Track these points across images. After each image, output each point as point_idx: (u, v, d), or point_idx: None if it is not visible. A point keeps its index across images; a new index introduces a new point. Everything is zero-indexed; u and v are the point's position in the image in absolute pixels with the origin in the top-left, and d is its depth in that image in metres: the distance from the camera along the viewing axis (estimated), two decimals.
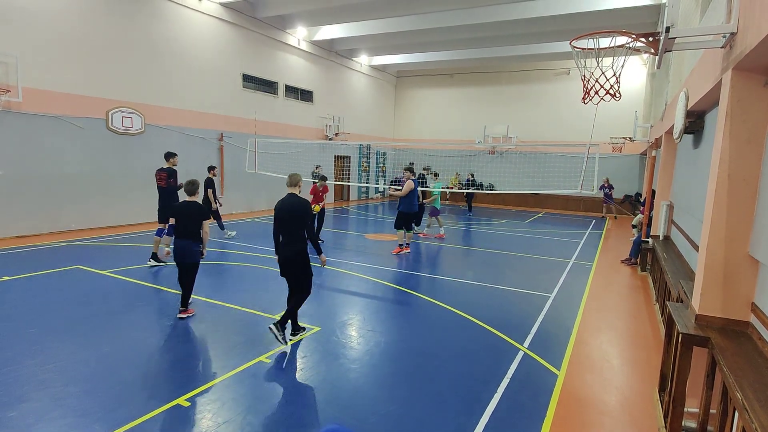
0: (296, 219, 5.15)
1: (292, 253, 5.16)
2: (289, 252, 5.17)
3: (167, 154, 8.79)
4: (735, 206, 3.44)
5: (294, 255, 5.16)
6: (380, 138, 25.62)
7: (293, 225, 5.16)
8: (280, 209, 5.20)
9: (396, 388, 4.36)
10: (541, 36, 17.66)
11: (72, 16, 11.12)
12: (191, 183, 6.11)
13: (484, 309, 6.85)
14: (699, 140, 6.64)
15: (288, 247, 5.18)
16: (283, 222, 5.18)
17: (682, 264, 6.52)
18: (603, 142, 15.94)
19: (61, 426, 3.53)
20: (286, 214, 5.15)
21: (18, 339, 5.08)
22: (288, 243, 5.19)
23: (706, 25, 6.01)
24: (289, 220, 5.15)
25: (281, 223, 5.19)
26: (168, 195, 8.58)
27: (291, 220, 5.15)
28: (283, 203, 5.22)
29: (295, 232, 5.17)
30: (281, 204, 5.22)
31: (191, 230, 5.90)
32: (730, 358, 2.97)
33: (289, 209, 5.15)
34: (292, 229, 5.17)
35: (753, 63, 3.16)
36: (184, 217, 5.93)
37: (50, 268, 7.98)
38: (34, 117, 10.60)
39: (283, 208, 5.18)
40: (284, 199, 5.23)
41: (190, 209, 5.95)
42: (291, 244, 5.17)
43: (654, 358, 5.30)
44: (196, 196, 6.10)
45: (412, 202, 10.51)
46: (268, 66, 17.44)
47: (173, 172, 8.64)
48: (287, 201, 5.20)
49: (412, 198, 10.48)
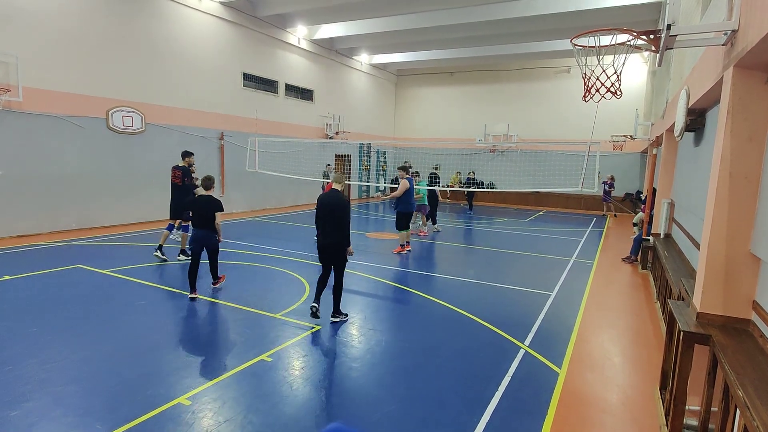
0: (333, 213, 5.72)
1: (327, 243, 5.76)
2: (326, 241, 5.77)
3: (184, 152, 9.03)
4: (736, 204, 3.43)
5: (329, 245, 5.75)
6: (381, 137, 25.60)
7: (330, 218, 5.74)
8: (321, 203, 5.84)
9: (397, 387, 4.36)
10: (542, 34, 17.62)
11: (72, 16, 11.11)
12: (208, 179, 6.87)
13: (485, 307, 6.85)
14: (700, 138, 6.62)
15: (325, 237, 5.78)
16: (321, 214, 5.82)
17: (683, 262, 6.51)
18: (604, 140, 15.96)
19: (62, 425, 3.53)
20: (326, 207, 5.77)
21: (19, 338, 5.08)
22: (324, 233, 5.79)
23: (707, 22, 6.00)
24: (327, 213, 5.76)
25: (320, 215, 5.85)
26: (180, 193, 8.73)
27: (329, 214, 5.75)
28: (324, 198, 5.86)
29: (331, 224, 5.73)
30: (322, 198, 5.87)
31: (209, 221, 6.59)
32: (731, 355, 2.97)
33: (328, 204, 5.77)
34: (327, 222, 5.77)
35: (754, 60, 3.15)
36: (201, 209, 6.60)
37: (51, 268, 7.99)
38: (35, 116, 10.60)
39: (324, 202, 5.82)
40: (326, 194, 5.86)
41: (206, 202, 6.64)
42: (327, 234, 5.77)
43: (655, 356, 5.30)
44: (212, 190, 6.85)
45: (409, 201, 10.46)
46: (269, 65, 17.43)
47: (188, 171, 8.85)
48: (328, 196, 5.83)
49: (408, 197, 10.43)
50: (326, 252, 5.81)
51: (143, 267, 8.32)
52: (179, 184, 8.77)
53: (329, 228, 5.75)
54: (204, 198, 6.70)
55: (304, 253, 9.94)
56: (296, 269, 8.54)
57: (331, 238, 5.73)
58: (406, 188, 10.25)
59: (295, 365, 4.74)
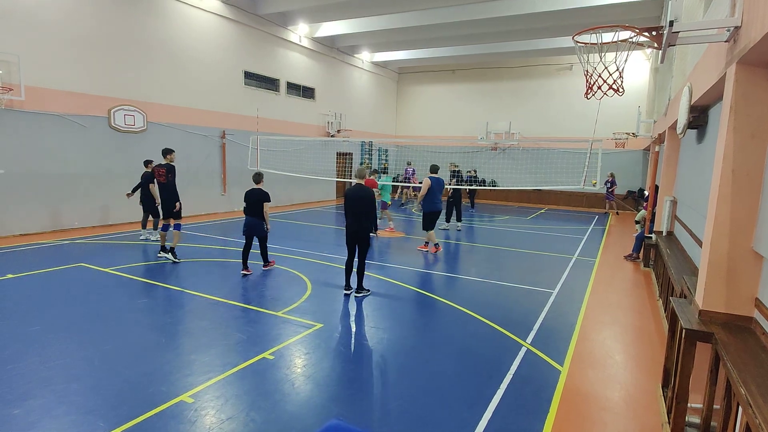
0: (360, 204, 6.67)
1: (357, 228, 6.74)
2: (356, 227, 6.74)
3: (165, 150, 8.89)
4: (739, 201, 3.41)
5: (357, 230, 6.75)
6: (382, 135, 25.58)
7: (357, 208, 6.68)
8: (348, 196, 6.77)
9: (398, 385, 4.36)
10: (544, 31, 17.57)
11: (74, 15, 11.11)
12: (258, 174, 8.15)
13: (486, 305, 6.85)
14: (703, 135, 6.60)
15: (354, 223, 6.73)
16: (350, 205, 6.75)
17: (686, 260, 6.49)
18: (606, 137, 15.90)
19: (64, 423, 3.54)
20: (354, 199, 6.71)
21: (21, 336, 5.10)
22: (352, 222, 6.75)
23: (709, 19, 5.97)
24: (353, 204, 6.70)
25: (349, 206, 6.77)
26: (170, 191, 8.71)
27: (355, 205, 6.69)
28: (350, 192, 6.77)
29: (359, 214, 6.71)
30: (349, 192, 6.78)
31: (257, 210, 7.82)
32: (733, 353, 2.96)
33: (356, 196, 6.69)
34: (356, 211, 6.71)
35: (757, 57, 3.14)
36: (251, 200, 7.84)
37: (53, 266, 8.01)
38: (37, 115, 10.62)
39: (351, 195, 6.74)
40: (352, 188, 6.81)
41: (256, 194, 7.86)
42: (355, 223, 6.73)
43: (657, 353, 5.29)
44: (261, 184, 8.03)
45: (432, 200, 10.27)
46: (270, 63, 17.42)
47: (172, 168, 8.76)
48: (353, 189, 6.77)
49: (432, 197, 10.25)
50: (356, 236, 6.76)
51: (146, 265, 8.34)
52: (164, 182, 8.70)
53: (356, 218, 6.71)
54: (254, 190, 7.88)
55: (305, 251, 9.95)
56: (298, 267, 8.55)
57: (359, 225, 6.71)
58: (428, 187, 10.16)
59: (297, 363, 4.74)
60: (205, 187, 15.03)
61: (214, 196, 15.37)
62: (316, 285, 7.51)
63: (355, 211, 6.72)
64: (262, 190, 7.90)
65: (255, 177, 8.09)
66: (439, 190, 10.36)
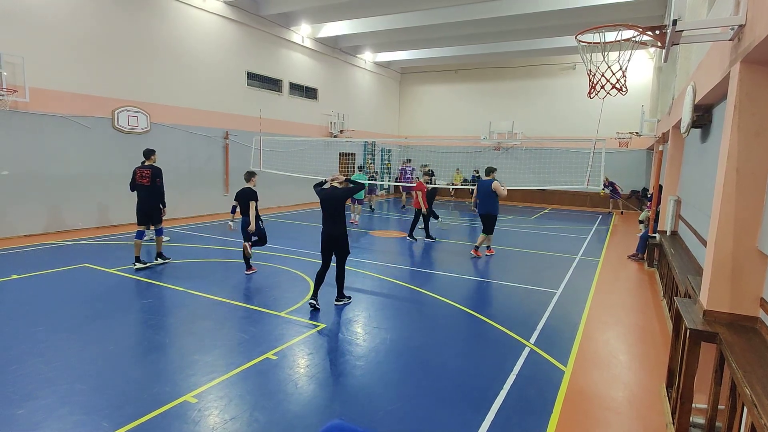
0: (335, 204, 6.32)
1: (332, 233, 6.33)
2: (331, 231, 6.33)
3: (147, 151, 8.37)
4: (743, 200, 3.40)
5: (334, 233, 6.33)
6: (385, 135, 25.58)
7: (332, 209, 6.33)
8: (322, 197, 6.43)
9: (401, 385, 4.36)
10: (547, 31, 17.53)
11: (78, 17, 11.16)
12: (249, 173, 8.02)
13: (489, 305, 6.84)
14: (707, 134, 6.57)
15: (329, 228, 6.34)
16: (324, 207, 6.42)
17: (690, 259, 6.47)
18: (609, 137, 15.83)
19: (68, 423, 3.55)
20: (327, 200, 6.39)
21: (25, 337, 5.12)
22: (329, 225, 6.35)
23: (713, 17, 5.94)
24: (329, 205, 6.36)
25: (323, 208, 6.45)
26: (151, 195, 8.23)
27: (330, 206, 6.34)
28: (324, 191, 6.46)
29: (335, 215, 6.33)
30: (323, 191, 6.47)
31: (246, 210, 7.75)
32: (738, 353, 2.94)
33: (328, 196, 6.37)
34: (332, 212, 6.33)
35: (762, 55, 3.12)
36: (240, 199, 7.80)
37: (57, 267, 8.05)
38: (41, 117, 10.67)
39: (325, 195, 6.42)
40: (326, 188, 6.49)
41: (245, 193, 7.79)
42: (331, 226, 6.33)
43: (661, 353, 5.27)
44: (250, 183, 7.93)
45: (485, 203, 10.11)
46: (273, 64, 17.44)
47: (159, 172, 8.26)
48: (329, 189, 6.45)
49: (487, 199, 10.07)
50: (333, 240, 6.35)
51: (149, 266, 8.35)
52: (149, 186, 8.11)
53: (334, 218, 6.33)
54: (244, 189, 7.83)
55: (308, 252, 9.96)
56: (300, 267, 8.56)
57: (336, 227, 6.32)
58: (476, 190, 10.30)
59: (300, 363, 4.75)
60: (208, 187, 15.06)
61: (216, 196, 15.39)
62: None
63: (331, 212, 6.35)
64: (251, 188, 7.82)
65: (246, 175, 7.99)
66: (483, 193, 10.06)
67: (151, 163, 8.34)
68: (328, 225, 6.35)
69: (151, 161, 8.35)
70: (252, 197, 7.75)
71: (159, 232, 8.55)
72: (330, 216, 6.35)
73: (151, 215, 8.33)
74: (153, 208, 8.29)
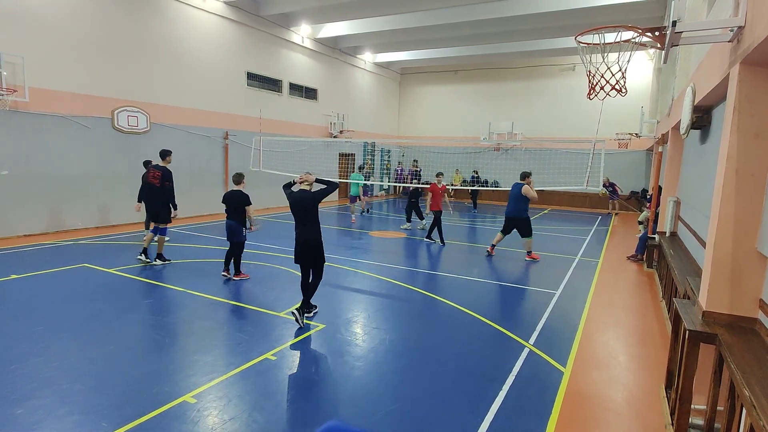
0: (306, 208, 5.79)
1: (307, 239, 5.81)
2: (306, 237, 5.81)
3: (163, 152, 8.45)
4: (743, 202, 3.40)
5: (308, 240, 5.82)
6: (385, 135, 25.59)
7: (303, 213, 5.80)
8: (292, 201, 5.87)
9: (401, 386, 4.36)
10: (546, 32, 17.55)
11: (78, 17, 11.16)
12: (238, 175, 7.56)
13: (489, 306, 6.84)
14: (706, 136, 6.58)
15: (303, 234, 5.82)
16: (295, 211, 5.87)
17: (689, 260, 6.47)
18: (609, 138, 15.85)
19: (67, 423, 3.55)
20: (297, 204, 5.84)
21: (24, 337, 5.12)
22: (302, 231, 5.82)
23: (713, 18, 5.95)
24: (299, 209, 5.83)
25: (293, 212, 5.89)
26: (166, 197, 8.33)
27: (301, 210, 5.82)
28: (294, 193, 5.90)
29: (307, 220, 5.81)
30: (292, 194, 5.90)
31: (236, 214, 7.35)
32: (737, 354, 2.95)
33: (298, 199, 5.83)
34: (303, 216, 5.81)
35: (761, 57, 3.12)
36: (230, 202, 7.39)
37: (57, 267, 8.04)
38: (41, 117, 10.67)
39: (294, 198, 5.86)
40: (296, 191, 5.93)
41: (235, 196, 7.36)
42: (305, 231, 5.81)
43: (661, 354, 5.27)
44: (241, 185, 7.50)
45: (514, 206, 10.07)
46: (272, 64, 17.45)
47: (169, 175, 8.32)
48: (298, 192, 5.90)
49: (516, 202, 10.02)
50: (308, 248, 5.85)
51: (148, 266, 8.35)
52: (158, 187, 8.21)
53: (306, 223, 5.82)
54: (234, 192, 7.43)
55: None
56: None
57: (310, 234, 5.82)
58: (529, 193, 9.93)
59: (299, 364, 4.75)
60: (208, 187, 15.05)
61: (216, 196, 15.30)
62: (319, 285, 7.50)
63: (302, 217, 5.81)
64: (242, 192, 7.41)
65: (235, 178, 7.56)
66: (514, 196, 10.03)
67: (165, 164, 8.39)
68: (300, 231, 5.82)
69: (164, 162, 8.40)
70: (245, 202, 7.33)
71: (163, 232, 8.52)
72: (301, 221, 5.83)
73: (158, 214, 8.39)
74: (160, 207, 8.34)
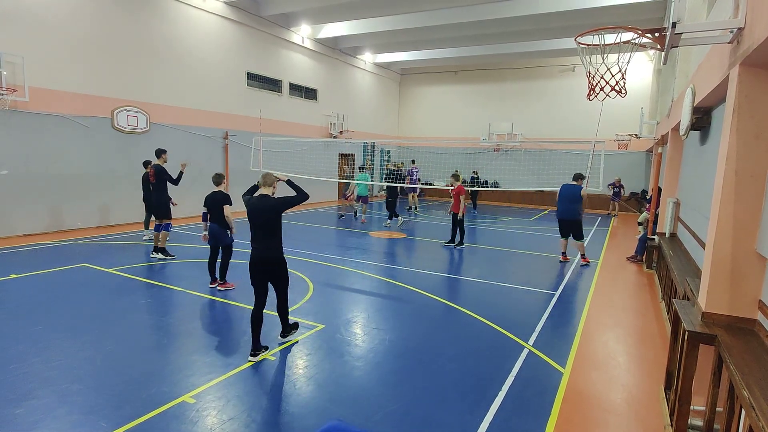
0: (266, 217, 4.82)
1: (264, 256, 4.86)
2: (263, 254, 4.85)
3: (157, 151, 9.04)
4: (742, 203, 3.40)
5: (267, 257, 4.86)
6: (384, 135, 25.59)
7: (264, 224, 4.83)
8: (250, 207, 4.90)
9: (400, 386, 4.36)
10: (546, 32, 17.56)
11: (78, 17, 11.16)
12: (218, 175, 7.28)
13: (488, 307, 6.84)
14: (706, 137, 6.58)
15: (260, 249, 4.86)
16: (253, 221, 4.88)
17: (689, 261, 6.47)
18: (608, 138, 15.85)
19: (66, 423, 3.55)
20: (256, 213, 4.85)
21: (24, 336, 5.12)
22: (259, 245, 4.86)
23: (713, 20, 5.96)
24: (259, 218, 4.84)
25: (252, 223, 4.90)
26: (159, 192, 8.89)
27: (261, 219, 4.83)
28: (253, 201, 4.92)
29: (267, 232, 4.84)
30: (252, 201, 4.92)
31: (218, 216, 7.04)
32: (737, 355, 2.95)
33: (258, 208, 4.83)
34: (263, 228, 4.84)
35: (761, 58, 3.13)
36: (212, 205, 7.10)
37: (56, 266, 8.04)
38: (41, 116, 10.66)
39: (254, 206, 4.87)
40: (256, 198, 4.93)
41: (215, 198, 7.07)
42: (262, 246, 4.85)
43: (660, 355, 5.27)
44: (221, 186, 7.21)
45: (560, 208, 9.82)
46: (273, 64, 17.45)
47: (160, 171, 8.83)
48: (258, 199, 4.89)
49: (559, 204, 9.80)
50: (266, 266, 4.89)
51: (148, 266, 8.35)
52: (154, 183, 8.84)
53: (266, 235, 4.86)
54: (214, 194, 7.13)
55: (307, 252, 9.96)
56: (299, 268, 8.55)
57: (269, 249, 4.86)
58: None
59: (299, 364, 4.74)
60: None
61: None
62: (318, 286, 7.52)
63: (261, 229, 4.85)
64: (222, 192, 7.13)
65: (214, 178, 7.22)
66: (567, 198, 9.66)
67: (160, 162, 8.90)
68: (258, 246, 4.86)
69: (159, 161, 8.93)
70: (223, 202, 7.03)
71: (166, 228, 8.87)
72: (260, 233, 4.85)
73: (157, 210, 8.89)
74: (157, 203, 8.83)
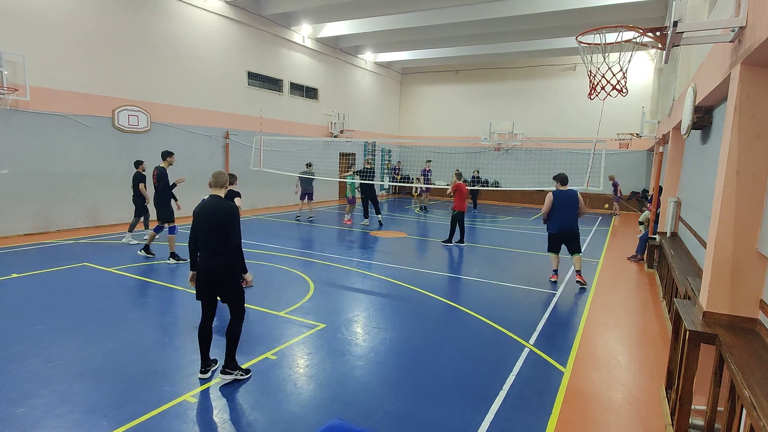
0: (215, 224, 4.16)
1: (210, 269, 4.18)
2: (209, 266, 4.18)
3: (163, 153, 8.87)
4: (743, 202, 3.40)
5: (213, 270, 4.18)
6: (385, 135, 25.59)
7: (211, 232, 4.17)
8: (197, 213, 4.27)
9: (401, 385, 4.36)
10: (547, 32, 17.55)
11: (78, 16, 11.16)
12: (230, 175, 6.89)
13: (489, 306, 6.84)
14: (707, 136, 6.58)
15: (206, 261, 4.19)
16: (200, 229, 4.23)
17: (690, 261, 6.47)
18: (610, 138, 15.84)
19: (68, 422, 3.55)
20: (203, 218, 4.22)
21: (25, 335, 5.12)
22: (206, 257, 4.20)
23: (714, 19, 5.95)
24: (205, 225, 4.19)
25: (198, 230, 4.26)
26: (160, 195, 8.70)
27: (208, 227, 4.18)
28: (201, 206, 4.29)
29: (215, 241, 4.17)
30: (200, 206, 4.29)
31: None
32: (737, 355, 2.94)
33: (207, 213, 4.20)
34: (210, 237, 4.18)
35: (762, 57, 3.12)
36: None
37: (57, 266, 8.05)
38: (41, 116, 10.67)
39: (201, 211, 4.24)
40: (205, 201, 4.31)
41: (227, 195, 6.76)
42: (209, 258, 4.18)
43: (661, 355, 5.27)
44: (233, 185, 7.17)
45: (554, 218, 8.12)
46: (273, 63, 17.45)
47: (161, 174, 8.65)
48: (207, 203, 4.28)
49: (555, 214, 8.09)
50: (213, 280, 4.20)
51: (149, 265, 8.36)
52: (156, 186, 8.68)
53: (213, 245, 4.18)
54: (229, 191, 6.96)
55: (308, 251, 9.96)
56: (300, 267, 8.56)
57: (216, 261, 4.17)
58: (549, 204, 8.09)
59: (300, 363, 4.75)
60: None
61: None
62: (319, 285, 7.52)
63: (208, 238, 4.17)
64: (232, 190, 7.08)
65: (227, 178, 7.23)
66: (567, 205, 8.01)
67: (164, 165, 8.76)
68: (205, 255, 4.20)
69: (164, 163, 8.78)
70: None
71: (172, 230, 8.72)
72: (208, 240, 4.18)
73: (157, 211, 8.77)
74: (157, 206, 8.71)
